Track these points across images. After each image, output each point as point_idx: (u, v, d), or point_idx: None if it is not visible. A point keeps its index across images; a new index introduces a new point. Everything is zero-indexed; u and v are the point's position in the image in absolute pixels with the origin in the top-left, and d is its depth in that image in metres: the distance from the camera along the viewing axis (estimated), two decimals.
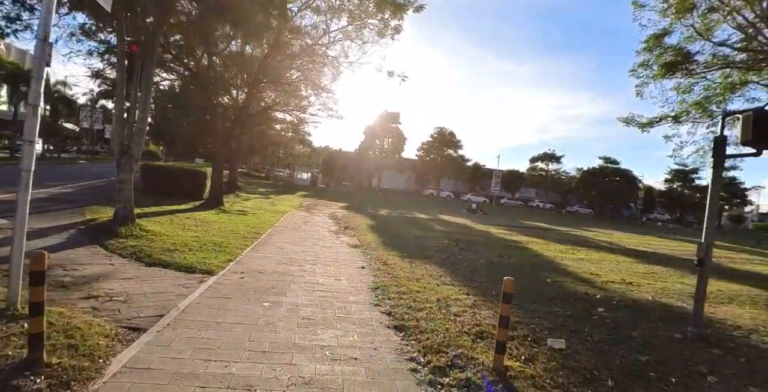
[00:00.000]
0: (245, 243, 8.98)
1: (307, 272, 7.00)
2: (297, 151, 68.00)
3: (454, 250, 11.75)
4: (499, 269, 9.37)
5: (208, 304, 4.82)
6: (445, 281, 7.26)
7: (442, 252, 11.00)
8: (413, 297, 5.88)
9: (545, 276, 9.13)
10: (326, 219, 17.09)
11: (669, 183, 65.18)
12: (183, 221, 11.11)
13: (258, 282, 6.00)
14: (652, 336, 5.37)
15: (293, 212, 18.73)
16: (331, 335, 4.27)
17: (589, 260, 13.08)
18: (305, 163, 73.64)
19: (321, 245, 10.23)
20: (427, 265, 8.67)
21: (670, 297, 8.59)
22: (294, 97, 26.57)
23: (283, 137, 55.45)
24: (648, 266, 13.26)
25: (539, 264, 10.95)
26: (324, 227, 14.24)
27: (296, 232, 12.09)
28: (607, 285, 9.04)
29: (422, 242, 12.59)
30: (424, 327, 4.68)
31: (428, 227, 18.13)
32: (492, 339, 4.52)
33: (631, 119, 19.10)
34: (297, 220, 15.45)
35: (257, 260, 7.49)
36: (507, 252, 12.70)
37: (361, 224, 16.04)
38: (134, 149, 8.86)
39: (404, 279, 7.00)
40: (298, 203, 24.22)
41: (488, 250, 12.73)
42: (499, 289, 7.22)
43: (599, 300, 7.30)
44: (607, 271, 11.13)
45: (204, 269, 6.34)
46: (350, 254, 9.40)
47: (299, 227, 13.43)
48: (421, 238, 13.72)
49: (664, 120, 18.53)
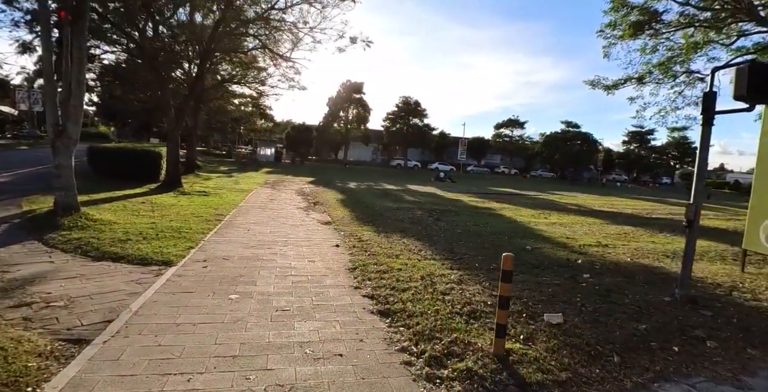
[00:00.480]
0: (207, 227, 8.28)
1: (277, 256, 6.45)
2: (259, 126, 65.54)
3: (429, 221, 11.43)
4: (477, 238, 9.13)
5: (166, 301, 4.23)
6: (425, 255, 6.90)
7: (417, 224, 10.65)
8: (395, 276, 5.47)
9: (524, 243, 8.96)
10: (294, 195, 16.39)
11: (626, 145, 67.41)
12: (137, 207, 10.20)
13: (223, 271, 5.41)
14: (644, 302, 5.22)
15: (258, 189, 17.88)
16: (310, 328, 3.80)
17: (561, 224, 13.12)
18: (268, 138, 71.28)
19: (290, 223, 9.65)
20: (404, 239, 8.28)
21: (645, 257, 8.61)
22: (252, 69, 25.00)
23: (243, 112, 53.13)
24: (617, 226, 13.45)
25: (516, 231, 10.81)
26: (292, 204, 13.59)
27: (263, 211, 11.40)
28: (585, 249, 8.98)
29: (396, 215, 12.20)
30: (412, 310, 4.29)
31: (399, 199, 17.76)
32: (486, 318, 4.19)
33: (597, 82, 19.06)
34: (263, 198, 14.69)
35: (222, 245, 6.85)
36: (482, 220, 12.52)
37: (331, 199, 15.46)
38: (71, 130, 7.84)
39: (383, 256, 6.58)
40: (263, 180, 23.25)
41: (463, 219, 12.50)
42: (483, 261, 6.99)
43: (582, 265, 7.16)
44: (581, 234, 11.15)
45: (161, 259, 5.67)
46: (322, 231, 8.88)
47: (266, 205, 12.72)
48: (393, 210, 13.32)
49: (629, 82, 18.59)
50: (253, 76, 25.40)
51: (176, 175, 14.99)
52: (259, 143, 68.59)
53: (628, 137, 66.52)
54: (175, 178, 14.92)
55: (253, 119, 57.36)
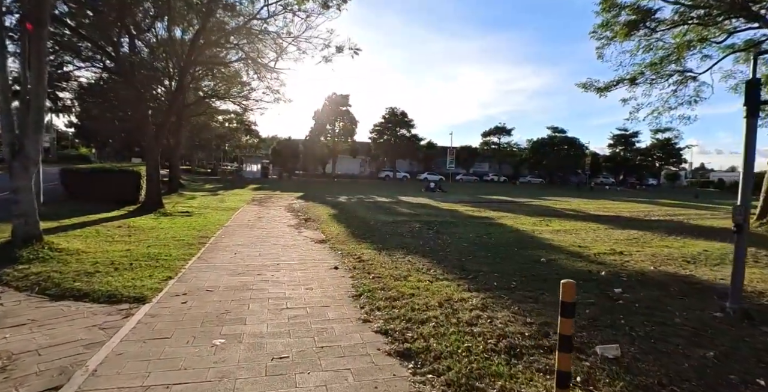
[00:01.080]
0: (190, 252, 7.43)
1: (269, 283, 5.64)
2: (244, 142, 64.57)
3: (429, 234, 10.71)
4: (485, 251, 8.43)
5: (135, 353, 3.41)
6: (437, 275, 6.15)
7: (418, 238, 9.92)
8: (408, 303, 4.71)
9: (536, 255, 8.29)
10: (283, 212, 15.57)
11: (612, 148, 67.90)
12: (112, 232, 9.29)
13: (206, 306, 4.60)
14: (695, 320, 4.55)
15: (245, 207, 17.01)
16: (317, 382, 3.02)
17: (566, 231, 12.51)
18: (254, 154, 70.24)
19: (282, 244, 8.84)
20: (408, 256, 7.54)
21: (668, 264, 8.00)
22: (235, 84, 24.32)
23: (228, 129, 52.22)
24: (623, 231, 12.89)
25: (523, 241, 10.14)
26: (282, 221, 12.77)
27: (251, 230, 10.57)
28: (601, 258, 8.34)
29: (393, 229, 11.46)
30: (438, 348, 3.53)
31: (394, 211, 17.04)
32: (530, 356, 3.45)
33: (589, 85, 18.77)
34: (250, 216, 13.84)
35: (205, 274, 6.02)
36: (484, 231, 11.84)
37: (323, 215, 14.67)
38: (30, 148, 6.98)
39: (389, 279, 5.82)
40: (250, 198, 22.36)
41: (464, 230, 11.82)
42: (500, 279, 6.20)
43: (607, 278, 6.49)
44: (591, 241, 10.53)
45: (133, 295, 4.83)
46: (317, 251, 8.09)
47: (254, 224, 11.88)
48: (390, 224, 12.58)
49: (621, 83, 18.32)
50: (236, 91, 24.72)
51: (157, 195, 14.08)
52: (245, 160, 67.58)
53: (614, 140, 67.08)
54: (156, 198, 14.01)
55: (238, 135, 56.51)
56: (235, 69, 24.09)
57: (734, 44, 16.65)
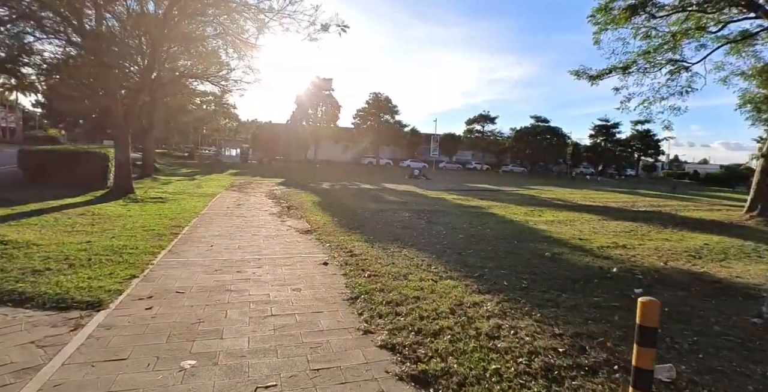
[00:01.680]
0: (159, 244, 6.62)
1: (250, 283, 4.92)
2: (222, 126, 62.49)
3: (422, 225, 10.09)
4: (484, 244, 7.86)
5: (79, 383, 2.67)
6: (439, 273, 5.53)
7: (411, 229, 9.28)
8: (415, 309, 4.07)
9: (539, 249, 7.77)
10: (264, 199, 14.72)
11: (593, 138, 68.39)
12: (73, 220, 8.36)
13: (175, 314, 3.86)
14: (734, 328, 4.06)
15: (224, 193, 16.07)
16: None
17: (560, 222, 12.09)
18: (233, 139, 68.11)
19: (264, 234, 8.08)
20: (404, 250, 6.89)
21: (675, 259, 7.60)
22: (213, 64, 22.94)
23: (206, 112, 50.27)
24: (618, 223, 12.56)
25: (520, 233, 9.62)
26: (263, 209, 11.96)
27: (229, 219, 9.75)
28: (605, 251, 7.89)
29: (383, 218, 10.80)
30: (460, 371, 2.91)
31: (380, 199, 16.37)
32: (572, 380, 2.86)
33: (581, 72, 18.28)
34: (229, 203, 12.97)
35: (176, 271, 5.25)
36: (477, 221, 11.31)
37: (306, 202, 13.90)
38: None
39: (388, 278, 5.17)
40: (229, 183, 21.35)
41: (457, 220, 11.25)
42: (509, 277, 5.46)
43: (621, 276, 5.99)
44: (590, 234, 10.10)
45: (87, 299, 4.04)
46: (303, 243, 7.38)
47: (233, 212, 11.05)
48: (378, 213, 11.92)
49: (614, 71, 17.91)
50: (214, 70, 23.34)
51: (127, 179, 13.04)
52: (224, 144, 65.65)
53: (595, 131, 67.50)
54: (126, 183, 12.97)
55: (217, 117, 54.56)
56: (213, 47, 22.74)
57: (725, 35, 16.39)
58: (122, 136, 12.82)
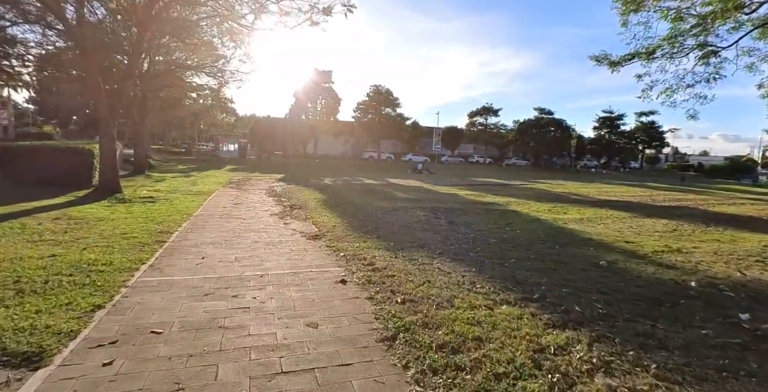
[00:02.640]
0: (140, 257, 5.49)
1: (250, 314, 3.78)
2: (220, 121, 61.10)
3: (443, 226, 8.97)
4: (524, 251, 6.74)
5: None
6: (490, 294, 4.39)
7: (433, 231, 8.15)
8: (481, 360, 2.90)
9: (587, 255, 6.65)
10: (264, 197, 13.59)
11: (597, 130, 67.13)
12: (44, 227, 7.22)
13: (144, 374, 2.71)
14: None
15: (221, 191, 14.94)
16: None
17: (591, 221, 11.00)
18: (231, 134, 66.69)
19: (265, 240, 6.95)
20: (436, 261, 5.76)
21: (749, 267, 6.48)
22: (209, 56, 21.70)
23: (203, 106, 48.93)
24: (655, 220, 11.49)
25: (555, 235, 8.50)
26: (263, 209, 10.82)
27: (226, 222, 8.61)
28: (664, 258, 6.77)
29: (397, 219, 9.67)
30: None
31: (389, 195, 15.24)
32: None
33: (602, 58, 17.09)
34: (226, 202, 11.84)
35: (155, 297, 4.12)
36: (501, 220, 10.19)
37: (310, 200, 12.76)
38: None
39: (427, 303, 4.03)
40: (227, 180, 20.20)
41: (478, 220, 10.14)
42: (576, 299, 4.31)
43: (708, 293, 4.87)
44: (632, 235, 8.99)
45: (24, 349, 2.89)
46: (313, 252, 6.25)
47: (230, 213, 9.91)
48: (391, 212, 10.79)
49: (637, 57, 16.73)
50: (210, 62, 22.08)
51: (113, 177, 11.89)
52: (222, 139, 64.35)
53: (599, 123, 66.23)
54: (112, 181, 11.82)
55: (213, 112, 53.19)
56: (207, 36, 21.47)
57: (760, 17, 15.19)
58: (107, 129, 11.64)
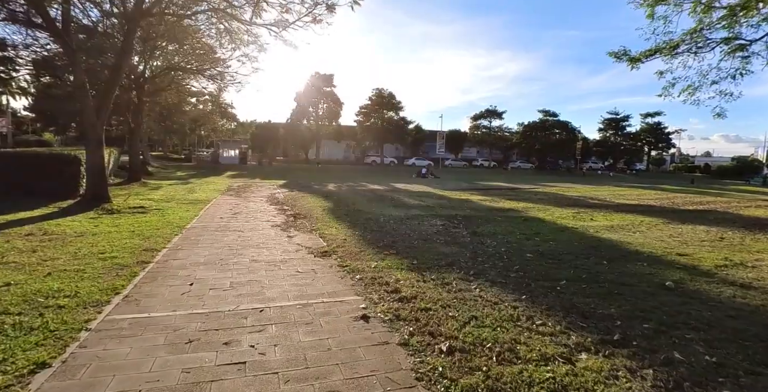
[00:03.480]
0: (115, 284, 4.50)
1: (247, 376, 2.76)
2: (220, 126, 60.23)
3: (466, 237, 7.97)
4: (570, 267, 5.73)
5: None
6: (557, 335, 3.38)
7: (458, 245, 7.14)
8: None
9: (644, 273, 5.64)
10: (265, 205, 12.63)
11: (602, 132, 66.17)
12: (9, 246, 6.23)
13: None
14: None
15: (219, 199, 13.98)
16: None
17: (623, 228, 10.02)
18: (232, 139, 65.85)
19: (266, 259, 5.96)
20: (475, 285, 4.74)
21: None
22: (207, 60, 20.84)
23: (202, 112, 48.16)
24: (690, 227, 10.50)
25: (595, 247, 7.49)
26: (264, 218, 9.85)
27: (222, 235, 7.63)
28: (734, 276, 5.75)
29: (414, 229, 8.67)
30: None
31: (399, 202, 14.25)
32: None
33: (621, 54, 16.16)
34: (224, 211, 10.88)
35: (121, 348, 3.12)
36: (527, 230, 9.19)
37: (315, 208, 11.79)
38: None
39: (482, 354, 3.02)
40: (226, 186, 19.25)
41: (502, 229, 9.13)
42: (662, 330, 3.05)
43: None
44: (679, 245, 7.98)
45: None
46: (323, 274, 5.25)
47: (227, 224, 8.93)
48: (405, 221, 9.80)
49: (659, 52, 15.79)
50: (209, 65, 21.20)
51: (101, 186, 10.93)
52: (222, 145, 63.55)
53: (604, 125, 65.28)
54: (100, 190, 10.87)
55: (214, 118, 52.38)
56: (206, 39, 20.65)
57: None
58: (94, 134, 10.70)
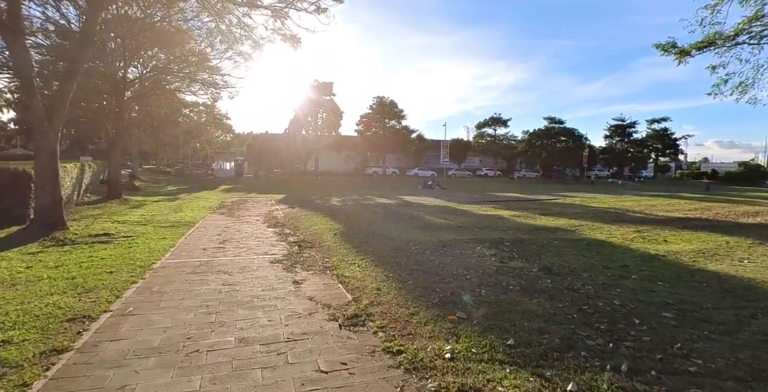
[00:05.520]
0: None
1: None
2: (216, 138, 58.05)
3: (540, 277, 5.71)
4: (749, 348, 3.53)
5: None
6: None
7: (541, 295, 4.86)
8: None
9: None
10: (262, 227, 10.39)
11: (608, 139, 64.35)
12: None
13: None
14: None
15: (208, 219, 11.75)
16: None
17: (718, 254, 7.86)
18: (228, 151, 63.65)
19: (262, 337, 3.67)
20: None
21: None
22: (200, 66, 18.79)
23: (196, 122, 46.05)
24: None
25: (728, 290, 5.27)
26: (261, 250, 7.59)
27: (200, 282, 5.36)
28: None
29: (463, 265, 6.41)
30: None
31: (420, 221, 11.99)
32: None
33: (669, 46, 14.15)
34: (210, 237, 8.62)
35: None
36: (608, 262, 6.95)
37: (323, 232, 9.53)
38: None
39: None
40: (218, 203, 17.00)
41: (576, 261, 6.89)
42: None
43: None
44: None
45: None
46: (363, 379, 3.01)
47: (211, 260, 6.66)
48: (442, 250, 7.54)
49: (714, 44, 13.80)
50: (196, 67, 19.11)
51: (54, 208, 8.65)
52: (216, 157, 61.38)
53: (610, 131, 63.47)
54: (53, 213, 8.59)
55: (208, 128, 50.25)
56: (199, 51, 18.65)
57: None
58: (46, 144, 8.45)
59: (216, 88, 20.39)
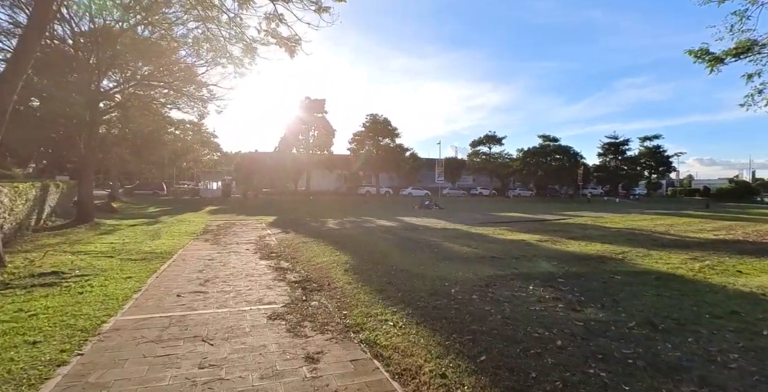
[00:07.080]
0: None
1: None
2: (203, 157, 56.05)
3: (653, 339, 4.04)
4: None
5: None
6: None
7: (666, 378, 3.26)
8: None
9: None
10: (253, 260, 8.61)
11: (602, 157, 63.97)
12: None
13: None
14: None
15: (188, 248, 9.93)
16: None
17: None
18: (215, 170, 61.63)
19: None
20: None
21: None
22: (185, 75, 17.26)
23: (183, 141, 44.26)
24: None
25: None
26: (254, 295, 5.81)
27: (168, 359, 3.59)
28: None
29: (523, 315, 4.72)
30: None
31: (441, 250, 10.27)
32: None
33: (702, 53, 12.97)
34: (188, 276, 6.82)
35: None
36: (710, 309, 5.33)
37: (330, 267, 7.79)
38: None
39: None
40: (203, 226, 15.13)
41: (675, 312, 5.27)
42: None
43: None
44: None
45: None
46: None
47: (184, 316, 4.87)
48: (489, 294, 5.85)
49: (752, 50, 12.70)
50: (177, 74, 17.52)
51: None
52: (203, 176, 59.26)
53: (604, 149, 63.12)
54: None
55: (196, 147, 48.36)
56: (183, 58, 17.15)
57: None
58: None
59: (203, 101, 18.78)
